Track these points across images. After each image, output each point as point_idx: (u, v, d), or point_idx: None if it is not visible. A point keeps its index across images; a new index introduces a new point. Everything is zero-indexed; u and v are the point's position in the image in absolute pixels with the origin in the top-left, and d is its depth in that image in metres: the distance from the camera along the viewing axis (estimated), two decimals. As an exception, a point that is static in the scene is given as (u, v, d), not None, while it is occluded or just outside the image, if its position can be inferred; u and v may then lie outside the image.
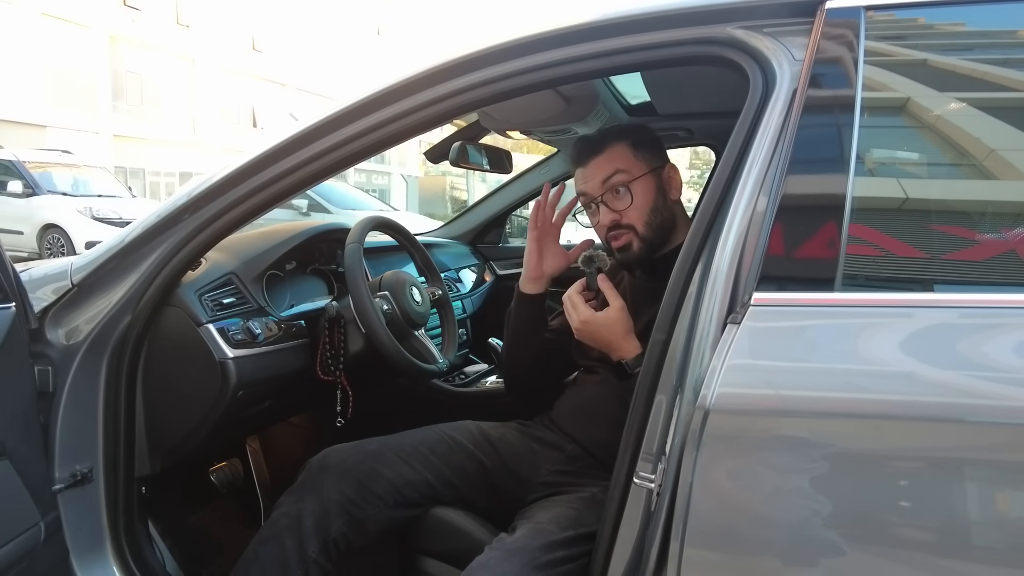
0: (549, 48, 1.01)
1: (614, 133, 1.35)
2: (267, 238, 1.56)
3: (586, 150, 1.34)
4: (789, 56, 0.90)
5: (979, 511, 0.73)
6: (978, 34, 0.92)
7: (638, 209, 1.30)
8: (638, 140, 1.33)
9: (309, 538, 1.21)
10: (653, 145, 1.36)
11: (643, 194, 1.30)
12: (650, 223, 1.31)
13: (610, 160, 1.31)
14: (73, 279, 1.21)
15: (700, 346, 0.83)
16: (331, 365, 1.50)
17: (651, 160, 1.33)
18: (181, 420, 1.30)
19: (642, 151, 1.32)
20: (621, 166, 1.30)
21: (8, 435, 1.00)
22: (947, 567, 0.74)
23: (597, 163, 1.32)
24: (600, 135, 1.36)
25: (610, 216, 1.31)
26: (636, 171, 1.30)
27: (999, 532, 0.73)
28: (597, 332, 1.23)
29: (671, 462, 0.81)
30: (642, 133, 1.36)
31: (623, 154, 1.31)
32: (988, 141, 0.84)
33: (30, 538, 1.03)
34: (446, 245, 2.55)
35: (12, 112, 15.36)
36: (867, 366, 0.78)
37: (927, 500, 0.73)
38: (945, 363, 0.76)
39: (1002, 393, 0.74)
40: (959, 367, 0.75)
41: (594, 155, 1.33)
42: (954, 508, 0.73)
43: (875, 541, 0.75)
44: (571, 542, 1.07)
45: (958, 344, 0.76)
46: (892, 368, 0.77)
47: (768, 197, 0.84)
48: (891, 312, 0.80)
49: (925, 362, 0.76)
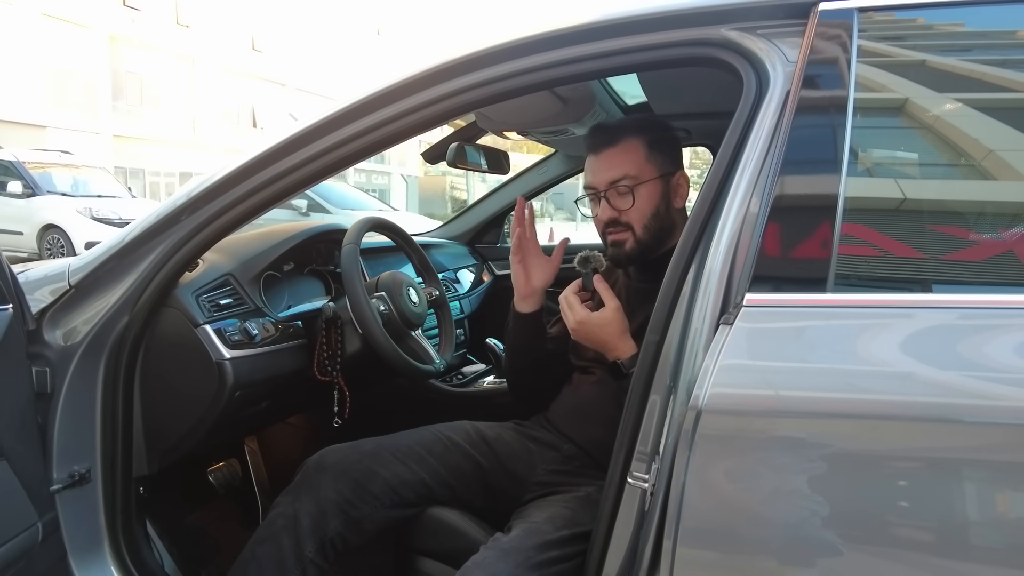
0: (546, 50, 1.01)
1: (633, 126, 1.32)
2: (264, 239, 1.56)
3: (601, 139, 1.31)
4: (783, 57, 0.90)
5: (974, 511, 0.73)
6: (971, 35, 0.92)
7: (639, 212, 1.29)
8: (655, 140, 1.31)
9: (306, 538, 1.21)
10: (669, 149, 1.33)
11: (647, 198, 1.29)
12: (649, 227, 1.30)
13: (622, 157, 1.28)
14: (71, 280, 1.21)
15: (693, 346, 0.83)
16: (328, 366, 1.50)
17: (663, 165, 1.31)
18: (179, 421, 1.31)
19: (656, 153, 1.30)
20: (631, 171, 1.28)
21: (5, 436, 1.00)
22: (943, 567, 0.74)
23: (609, 156, 1.30)
24: (619, 125, 1.34)
25: (610, 212, 1.30)
26: (645, 175, 1.28)
27: (996, 532, 0.73)
28: (593, 332, 1.24)
29: (664, 462, 0.82)
30: (661, 134, 1.33)
31: (636, 153, 1.29)
32: (982, 142, 0.85)
33: (28, 538, 1.03)
34: (444, 245, 2.55)
35: (12, 112, 15.37)
36: (860, 366, 0.78)
37: (916, 500, 0.74)
38: (938, 363, 0.76)
39: (995, 393, 0.74)
40: (952, 367, 0.76)
41: (608, 146, 1.30)
42: (947, 508, 0.73)
43: (865, 541, 0.75)
44: (566, 541, 1.07)
45: (951, 344, 0.77)
46: (885, 368, 0.77)
47: (761, 198, 0.84)
48: (883, 312, 0.80)
49: (918, 362, 0.76)
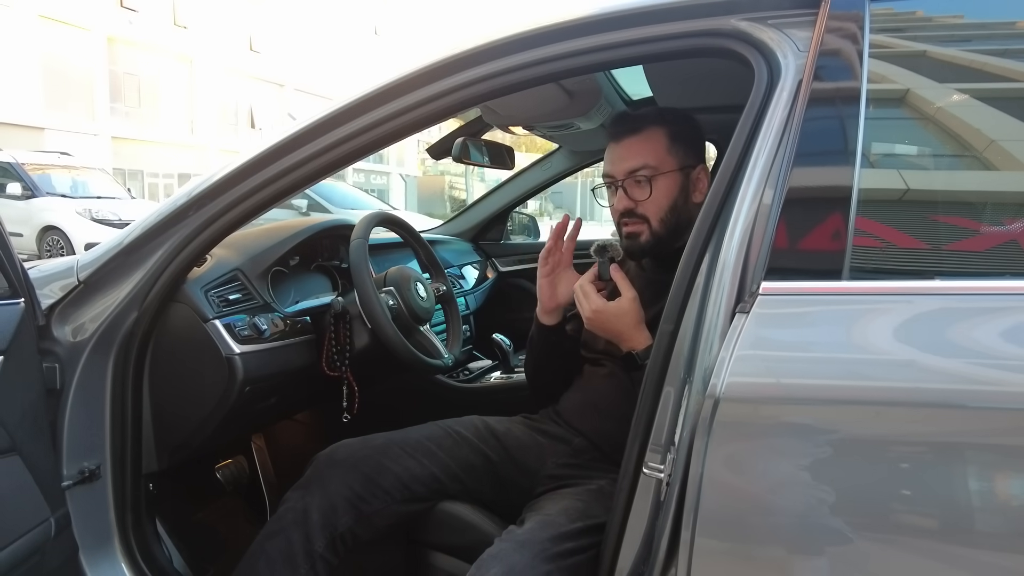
0: (553, 42, 1.01)
1: (656, 116, 1.31)
2: (272, 235, 1.56)
3: (624, 126, 1.30)
4: (794, 47, 0.90)
5: (996, 498, 0.73)
6: (984, 25, 0.92)
7: (656, 204, 1.27)
8: (677, 132, 1.29)
9: (316, 533, 1.21)
10: (691, 141, 1.31)
11: (665, 191, 1.27)
12: (665, 220, 1.28)
13: (643, 146, 1.27)
14: (80, 276, 1.21)
15: (708, 336, 0.83)
16: (337, 361, 1.50)
17: (684, 157, 1.29)
18: (188, 416, 1.31)
19: (678, 145, 1.28)
20: (651, 161, 1.26)
21: (18, 431, 1.00)
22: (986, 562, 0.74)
23: (630, 144, 1.29)
24: (642, 114, 1.32)
25: (626, 203, 1.29)
26: (664, 166, 1.27)
27: (1008, 519, 0.73)
28: (609, 322, 1.22)
29: (680, 452, 0.82)
30: (684, 126, 1.31)
31: (657, 144, 1.28)
32: (995, 132, 0.84)
33: (41, 533, 1.03)
34: (448, 242, 2.55)
35: (10, 114, 15.34)
36: (880, 354, 0.78)
37: (940, 487, 0.73)
38: (958, 350, 0.75)
39: (1017, 380, 0.73)
40: (973, 354, 0.75)
41: (629, 134, 1.29)
42: (971, 495, 0.73)
43: (889, 530, 0.75)
44: (580, 533, 1.07)
45: (971, 331, 0.76)
46: (901, 356, 0.77)
47: (774, 189, 0.84)
48: (900, 300, 0.80)
49: (939, 349, 0.76)
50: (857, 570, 0.76)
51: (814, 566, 0.78)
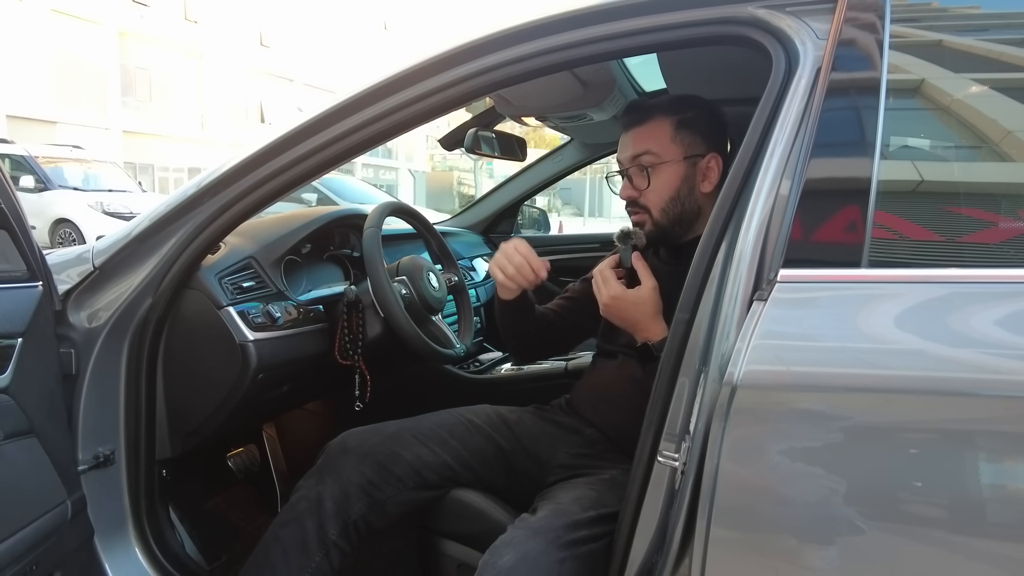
0: (568, 29, 1.00)
1: (663, 106, 1.30)
2: (285, 223, 1.57)
3: (632, 117, 1.31)
4: (812, 36, 0.89)
5: (1007, 487, 0.72)
6: (1007, 15, 0.91)
7: (656, 194, 1.27)
8: (685, 121, 1.27)
9: (329, 520, 1.21)
10: (702, 130, 1.28)
11: (665, 180, 1.27)
12: (666, 211, 1.27)
13: (647, 135, 1.27)
14: (95, 262, 1.22)
15: (725, 325, 0.82)
16: (349, 349, 1.50)
17: (691, 146, 1.27)
18: (201, 403, 1.31)
19: (684, 134, 1.27)
20: (653, 147, 1.26)
21: (36, 413, 1.01)
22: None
23: (636, 134, 1.29)
24: (650, 104, 1.31)
25: (629, 191, 1.30)
26: (667, 155, 1.26)
27: (1019, 507, 0.72)
28: (626, 310, 1.21)
29: (696, 440, 0.81)
30: (694, 114, 1.28)
31: (661, 133, 1.27)
32: (1018, 123, 0.83)
33: (58, 515, 1.04)
34: (458, 234, 2.55)
35: (23, 108, 15.47)
36: (902, 343, 0.77)
37: (961, 476, 0.73)
38: (991, 338, 0.75)
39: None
40: (997, 340, 0.74)
41: (635, 124, 1.29)
42: (985, 485, 0.72)
43: (909, 518, 0.74)
44: (593, 522, 1.07)
45: (994, 318, 0.75)
46: (923, 344, 0.76)
47: (792, 180, 0.83)
48: (919, 287, 0.79)
49: (966, 335, 0.75)
50: (877, 559, 0.76)
51: (830, 555, 0.78)
